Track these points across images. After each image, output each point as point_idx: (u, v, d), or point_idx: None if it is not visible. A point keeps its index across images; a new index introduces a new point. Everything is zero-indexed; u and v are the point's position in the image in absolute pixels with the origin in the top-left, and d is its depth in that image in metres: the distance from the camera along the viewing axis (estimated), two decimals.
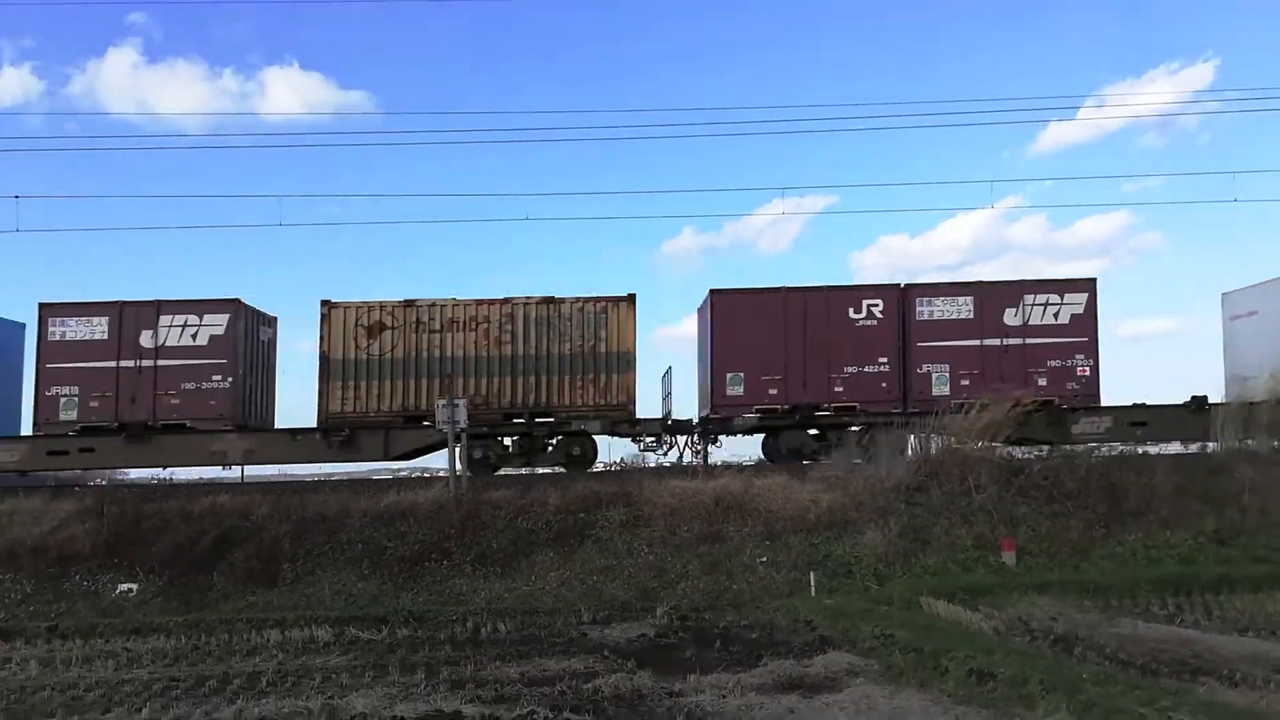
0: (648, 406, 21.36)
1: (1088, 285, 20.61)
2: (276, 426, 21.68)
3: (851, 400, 20.19)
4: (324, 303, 20.29)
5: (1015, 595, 13.53)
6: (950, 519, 16.55)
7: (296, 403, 56.33)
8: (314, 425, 20.21)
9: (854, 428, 20.31)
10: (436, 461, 23.63)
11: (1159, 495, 16.87)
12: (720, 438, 21.35)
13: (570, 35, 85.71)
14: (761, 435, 21.21)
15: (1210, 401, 20.32)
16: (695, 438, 21.06)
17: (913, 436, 19.09)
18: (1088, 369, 20.36)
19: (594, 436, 20.60)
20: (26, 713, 9.26)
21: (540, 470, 20.57)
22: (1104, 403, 20.51)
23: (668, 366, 25.24)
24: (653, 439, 20.74)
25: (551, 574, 15.81)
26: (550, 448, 20.45)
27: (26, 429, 20.33)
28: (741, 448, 22.85)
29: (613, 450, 23.92)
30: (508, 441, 20.40)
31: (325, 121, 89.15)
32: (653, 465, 21.05)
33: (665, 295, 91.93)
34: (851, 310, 20.44)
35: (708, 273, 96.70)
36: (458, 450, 18.11)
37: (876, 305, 20.47)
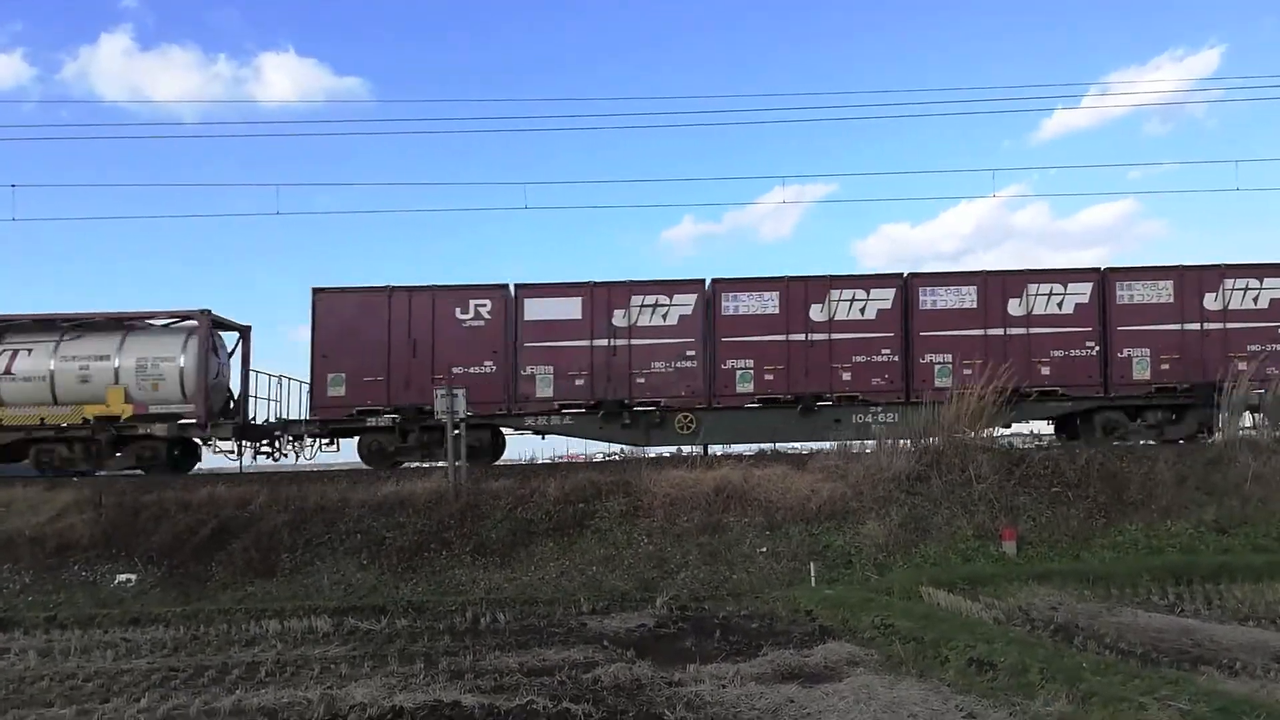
0: None
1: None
2: None
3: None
4: None
5: (1016, 585, 13.53)
6: (951, 508, 16.53)
7: None
8: None
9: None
10: None
11: (1160, 484, 16.86)
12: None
13: (568, 22, 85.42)
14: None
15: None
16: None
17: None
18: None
19: None
20: (25, 703, 9.22)
21: None
22: None
23: None
24: None
25: (551, 564, 15.80)
26: None
27: None
28: None
29: None
30: None
31: (320, 109, 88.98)
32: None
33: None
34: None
35: (707, 260, 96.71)
36: (460, 439, 18.06)
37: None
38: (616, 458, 22.06)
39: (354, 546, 16.24)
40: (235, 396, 21.16)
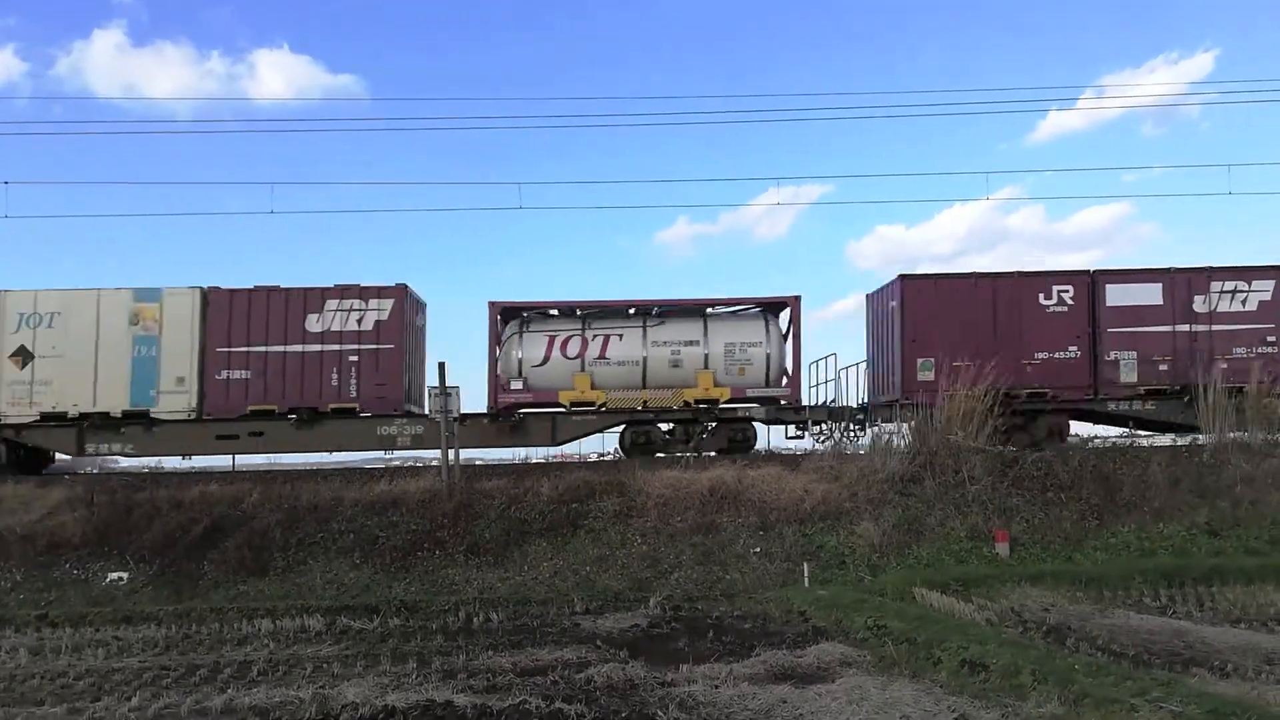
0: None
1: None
2: None
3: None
4: None
5: (1008, 586, 13.55)
6: (944, 510, 16.55)
7: None
8: None
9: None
10: None
11: (1152, 486, 16.90)
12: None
13: (563, 21, 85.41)
14: None
15: None
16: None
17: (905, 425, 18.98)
18: None
19: None
20: (16, 701, 9.18)
21: None
22: None
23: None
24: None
25: (544, 564, 15.78)
26: None
27: None
28: None
29: None
30: None
31: (314, 107, 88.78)
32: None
33: (660, 284, 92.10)
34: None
35: (701, 261, 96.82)
36: (453, 438, 18.04)
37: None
38: (610, 458, 22.03)
39: (347, 546, 16.20)
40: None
